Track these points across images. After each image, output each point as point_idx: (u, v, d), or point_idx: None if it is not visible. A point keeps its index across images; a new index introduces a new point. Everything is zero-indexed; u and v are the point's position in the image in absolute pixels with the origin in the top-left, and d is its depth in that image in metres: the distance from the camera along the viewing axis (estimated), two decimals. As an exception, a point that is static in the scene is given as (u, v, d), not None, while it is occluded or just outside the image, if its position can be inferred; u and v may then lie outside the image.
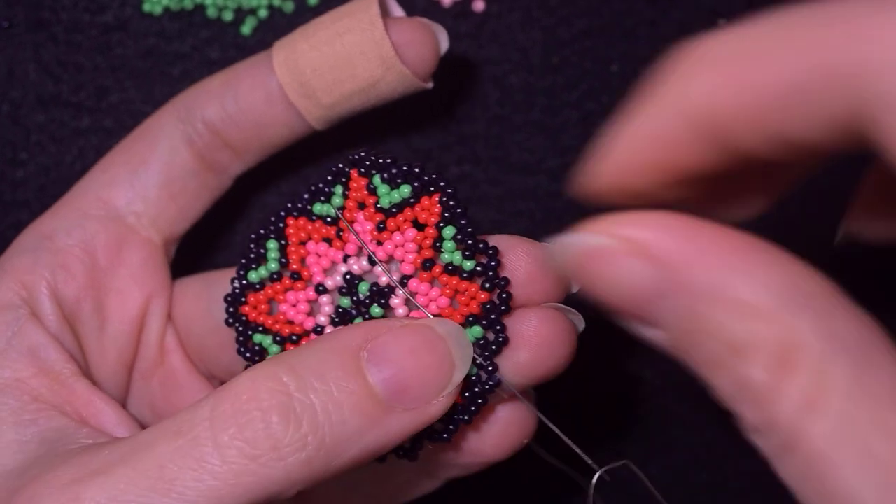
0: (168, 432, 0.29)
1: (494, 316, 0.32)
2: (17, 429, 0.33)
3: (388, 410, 0.30)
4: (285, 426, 0.29)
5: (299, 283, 0.34)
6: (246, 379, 0.30)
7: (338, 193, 0.34)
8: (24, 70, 0.45)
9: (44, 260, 0.37)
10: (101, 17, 0.45)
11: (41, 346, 0.35)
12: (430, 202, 0.33)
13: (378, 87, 0.38)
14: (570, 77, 0.46)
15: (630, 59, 0.46)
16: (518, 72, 0.46)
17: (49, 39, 0.45)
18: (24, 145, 0.45)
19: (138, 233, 0.38)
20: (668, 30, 0.46)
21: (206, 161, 0.39)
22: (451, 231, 0.32)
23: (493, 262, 0.32)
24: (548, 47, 0.46)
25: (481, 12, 0.46)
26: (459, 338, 0.32)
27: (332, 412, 0.29)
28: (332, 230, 0.34)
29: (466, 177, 0.46)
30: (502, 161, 0.46)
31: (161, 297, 0.39)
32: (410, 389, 0.30)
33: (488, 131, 0.46)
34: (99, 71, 0.45)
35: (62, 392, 0.34)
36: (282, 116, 0.39)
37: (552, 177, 0.46)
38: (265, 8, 0.45)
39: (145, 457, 0.29)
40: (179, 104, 0.39)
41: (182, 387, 0.39)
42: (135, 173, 0.38)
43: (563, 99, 0.46)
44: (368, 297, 0.33)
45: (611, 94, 0.46)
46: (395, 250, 0.33)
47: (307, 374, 0.30)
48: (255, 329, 0.35)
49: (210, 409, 0.29)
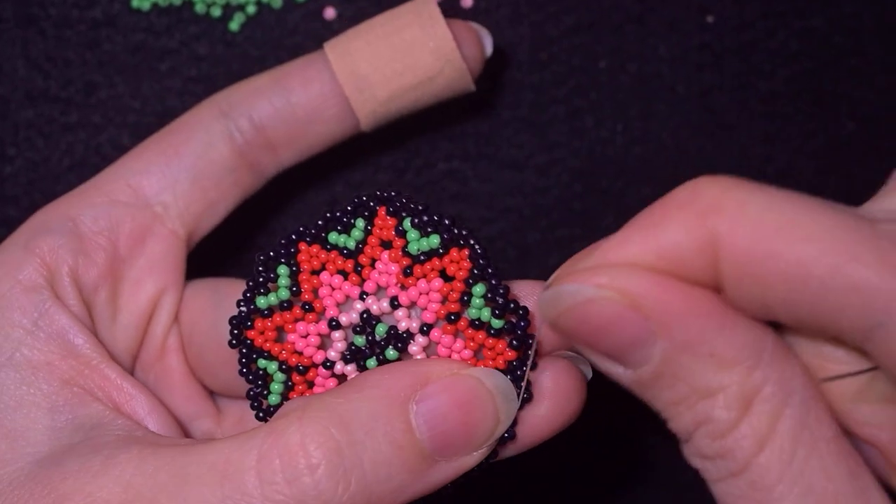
0: (214, 472, 0.29)
1: (520, 373, 0.32)
2: (52, 415, 0.33)
3: (432, 464, 0.30)
4: (335, 486, 0.29)
5: (311, 315, 0.34)
6: (295, 431, 0.29)
7: (359, 227, 0.33)
8: (12, 65, 0.45)
9: (68, 244, 0.36)
10: (90, 13, 0.45)
11: (68, 329, 0.35)
12: (459, 255, 0.32)
13: (435, 81, 0.39)
14: (557, 73, 0.46)
15: (618, 56, 0.46)
16: (506, 67, 0.46)
17: (38, 35, 0.45)
18: (13, 140, 0.45)
19: (164, 224, 0.38)
20: (656, 26, 0.46)
21: (244, 158, 0.39)
22: (482, 289, 0.32)
23: (523, 323, 0.32)
24: (536, 43, 0.46)
25: (469, 8, 0.46)
26: (507, 392, 0.31)
27: (379, 469, 0.29)
28: (348, 263, 0.33)
29: (455, 173, 0.47)
30: (490, 157, 0.47)
31: (173, 292, 0.38)
32: (456, 443, 0.30)
33: (476, 128, 0.46)
34: (87, 66, 0.45)
35: (93, 377, 0.34)
36: (331, 113, 0.39)
37: (540, 173, 0.46)
38: (253, 4, 0.45)
39: (193, 497, 0.29)
40: (222, 100, 0.39)
41: (176, 389, 0.39)
42: (168, 164, 0.38)
43: (551, 95, 0.46)
44: (384, 339, 0.33)
45: (599, 90, 0.46)
46: (419, 297, 0.33)
47: (357, 428, 0.29)
48: (259, 354, 0.34)
49: (257, 458, 0.29)
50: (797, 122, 0.47)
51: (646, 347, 0.26)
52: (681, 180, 0.25)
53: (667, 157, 0.47)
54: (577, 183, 0.47)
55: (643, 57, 0.46)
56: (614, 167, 0.47)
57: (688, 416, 0.26)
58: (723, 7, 0.46)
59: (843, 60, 0.46)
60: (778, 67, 0.46)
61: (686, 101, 0.46)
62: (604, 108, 0.46)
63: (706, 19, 0.46)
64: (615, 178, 0.47)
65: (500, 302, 0.31)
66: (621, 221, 0.48)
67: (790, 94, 0.46)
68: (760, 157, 0.47)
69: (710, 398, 0.26)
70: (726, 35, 0.46)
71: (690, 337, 0.25)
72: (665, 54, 0.46)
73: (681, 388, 0.26)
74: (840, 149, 0.47)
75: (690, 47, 0.46)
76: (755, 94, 0.46)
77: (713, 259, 0.25)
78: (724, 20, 0.46)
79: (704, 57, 0.46)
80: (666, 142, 0.47)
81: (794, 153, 0.47)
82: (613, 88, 0.46)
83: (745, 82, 0.46)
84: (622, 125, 0.46)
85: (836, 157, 0.47)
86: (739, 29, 0.46)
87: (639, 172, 0.47)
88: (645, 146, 0.46)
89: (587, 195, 0.47)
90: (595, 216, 0.47)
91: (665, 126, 0.46)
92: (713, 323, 0.25)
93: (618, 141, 0.46)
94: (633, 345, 0.26)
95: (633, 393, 0.27)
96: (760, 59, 0.46)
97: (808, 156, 0.47)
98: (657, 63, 0.46)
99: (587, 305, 0.26)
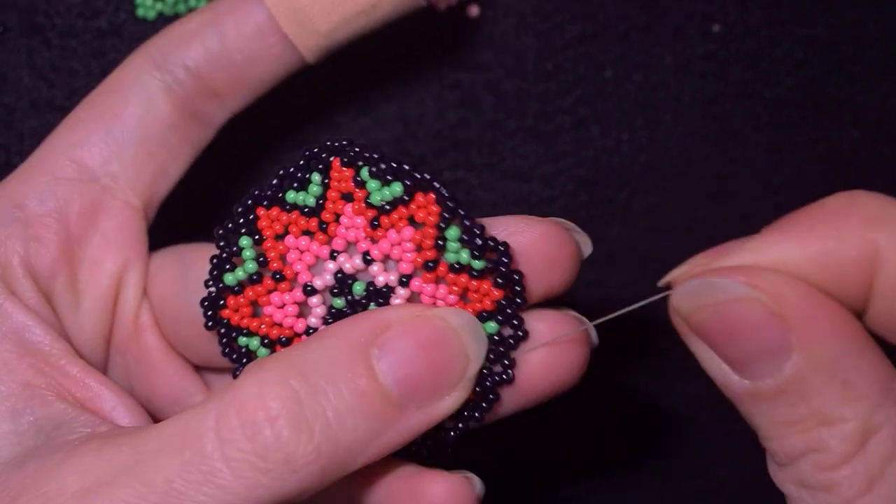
0: (173, 442, 0.28)
1: (510, 310, 0.31)
2: (12, 418, 0.31)
3: (402, 410, 0.28)
4: (297, 436, 0.27)
5: (283, 284, 0.32)
6: (252, 384, 0.28)
7: (315, 182, 0.32)
8: (17, 75, 0.45)
9: (15, 232, 0.34)
10: (95, 23, 0.45)
11: (25, 326, 0.33)
12: (425, 200, 0.31)
13: (380, 6, 0.36)
14: (563, 83, 0.46)
15: (624, 65, 0.46)
16: (512, 77, 0.46)
17: (43, 44, 0.45)
18: (18, 150, 0.45)
19: (115, 196, 0.35)
20: (661, 35, 0.46)
21: (187, 111, 0.36)
22: (456, 232, 0.30)
23: (505, 259, 0.31)
24: (541, 53, 0.46)
25: (476, 17, 0.46)
26: (475, 330, 0.30)
27: (344, 418, 0.28)
28: (312, 222, 0.32)
29: (460, 182, 0.46)
30: (496, 167, 0.46)
31: (137, 267, 0.36)
32: (424, 387, 0.29)
33: (482, 137, 0.46)
34: (93, 76, 0.45)
35: (54, 375, 0.32)
36: (272, 51, 0.36)
37: (546, 182, 0.46)
38: (259, 13, 0.45)
39: (152, 469, 0.27)
40: (153, 49, 0.36)
41: (157, 367, 0.36)
42: (108, 130, 0.35)
43: (557, 105, 0.46)
44: (364, 297, 0.31)
45: (604, 99, 0.46)
46: (391, 249, 0.31)
47: (317, 377, 0.28)
48: (238, 332, 0.33)
49: (215, 418, 0.27)
50: (802, 129, 0.47)
51: (778, 359, 0.24)
52: (687, 189, 0.25)
53: (673, 166, 0.47)
54: (582, 192, 0.47)
55: (649, 66, 0.46)
56: (620, 176, 0.47)
57: (798, 439, 0.25)
58: (728, 16, 0.46)
59: (848, 68, 0.47)
60: (783, 76, 0.46)
61: (692, 110, 0.46)
62: (609, 117, 0.46)
63: (711, 28, 0.46)
64: (621, 187, 0.47)
65: (479, 243, 0.30)
66: (627, 231, 0.48)
67: (795, 101, 0.47)
68: (766, 164, 0.47)
69: (830, 426, 0.24)
70: (731, 44, 0.46)
71: (830, 358, 0.24)
72: (671, 63, 0.46)
73: (801, 409, 0.25)
74: (845, 155, 0.47)
75: (696, 56, 0.46)
76: (760, 102, 0.47)
77: (868, 273, 0.24)
78: (729, 29, 0.46)
79: (710, 66, 0.46)
80: (672, 150, 0.47)
81: (800, 160, 0.47)
82: (619, 97, 0.46)
83: (750, 90, 0.46)
84: (628, 134, 0.47)
85: (841, 164, 0.47)
86: (744, 38, 0.46)
87: (645, 181, 0.47)
88: (651, 155, 0.47)
89: (593, 204, 0.47)
90: (601, 225, 0.47)
91: (671, 135, 0.47)
92: (854, 348, 0.24)
93: (624, 150, 0.47)
94: (767, 354, 0.25)
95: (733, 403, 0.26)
96: (765, 67, 0.46)
97: (814, 163, 0.47)
98: (663, 72, 0.46)
99: (735, 304, 0.25)
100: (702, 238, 0.47)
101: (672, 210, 0.47)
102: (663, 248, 0.47)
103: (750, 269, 0.25)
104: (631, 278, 0.47)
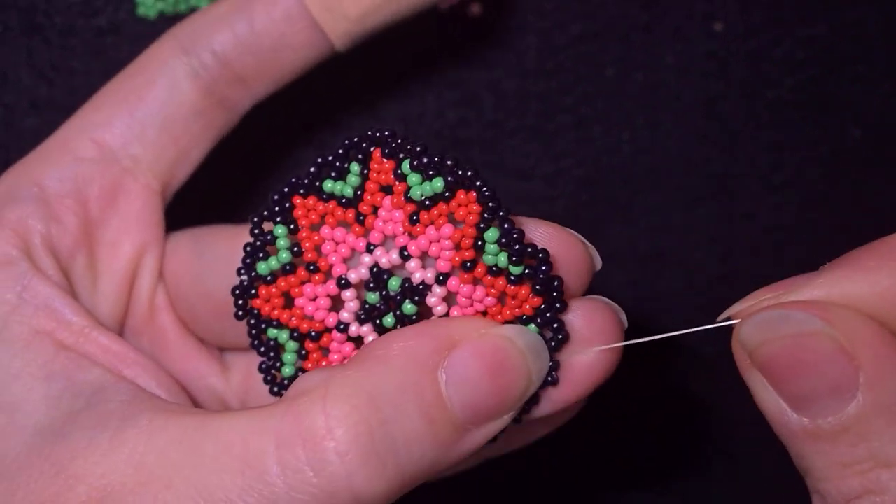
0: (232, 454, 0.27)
1: (550, 315, 0.30)
2: (48, 383, 0.30)
3: (463, 433, 0.28)
4: (368, 472, 0.26)
5: (317, 276, 0.31)
6: (319, 413, 0.27)
7: (354, 172, 0.31)
8: (17, 74, 0.44)
9: (37, 211, 0.34)
10: (95, 21, 0.45)
11: (54, 298, 0.32)
12: (466, 198, 0.30)
13: None
14: (564, 82, 0.46)
15: (625, 64, 0.46)
16: (512, 76, 0.46)
17: (43, 43, 0.45)
18: (18, 149, 0.45)
19: (135, 178, 0.35)
20: (662, 35, 0.46)
21: (213, 97, 0.36)
22: (495, 234, 0.29)
23: (545, 267, 0.29)
24: (542, 52, 0.46)
25: (477, 16, 0.46)
26: (539, 350, 0.29)
27: (413, 448, 0.27)
28: (349, 213, 0.31)
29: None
30: (496, 166, 0.46)
31: (153, 250, 0.36)
32: (488, 410, 0.28)
33: (482, 136, 0.46)
34: (93, 75, 0.45)
35: (87, 344, 0.32)
36: (301, 37, 0.36)
37: (547, 182, 0.46)
38: (260, 12, 0.45)
39: (210, 481, 0.26)
40: (181, 34, 0.36)
41: (173, 350, 0.36)
42: (132, 112, 0.35)
43: (558, 104, 0.46)
44: (399, 294, 0.30)
45: (605, 98, 0.46)
46: (429, 246, 0.30)
47: (386, 404, 0.27)
48: (268, 323, 0.32)
49: (276, 444, 0.27)
50: (803, 129, 0.47)
51: (842, 398, 0.24)
52: (688, 189, 0.24)
53: (673, 166, 0.47)
54: (583, 192, 0.47)
55: (650, 65, 0.46)
56: (621, 176, 0.47)
57: (856, 480, 0.25)
58: (729, 16, 0.46)
59: (849, 68, 0.47)
60: (784, 75, 0.46)
61: (693, 110, 0.46)
62: (610, 116, 0.46)
63: (712, 28, 0.46)
64: (622, 186, 0.47)
65: (517, 248, 0.29)
66: (628, 230, 0.48)
67: (796, 101, 0.47)
68: (767, 164, 0.47)
69: (891, 468, 0.24)
70: (732, 43, 0.46)
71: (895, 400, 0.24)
72: (671, 63, 0.46)
73: (861, 450, 0.24)
74: (846, 156, 0.47)
75: (697, 56, 0.46)
76: (761, 102, 0.47)
77: None
78: (731, 29, 0.46)
79: (711, 65, 0.46)
80: (672, 150, 0.47)
81: (800, 160, 0.47)
82: (620, 97, 0.46)
83: (751, 90, 0.46)
84: (629, 134, 0.47)
85: (843, 165, 0.47)
86: (745, 37, 0.46)
87: (646, 181, 0.47)
88: (652, 154, 0.47)
89: (594, 204, 0.47)
90: (602, 225, 0.47)
91: (672, 134, 0.47)
92: None
93: (624, 149, 0.47)
94: (832, 392, 0.24)
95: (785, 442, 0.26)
96: (766, 67, 0.46)
97: (815, 163, 0.47)
98: (664, 71, 0.46)
99: (807, 338, 0.24)
100: (702, 238, 0.47)
101: (672, 210, 0.47)
102: (663, 248, 0.47)
103: (823, 304, 0.24)
104: (631, 278, 0.47)
